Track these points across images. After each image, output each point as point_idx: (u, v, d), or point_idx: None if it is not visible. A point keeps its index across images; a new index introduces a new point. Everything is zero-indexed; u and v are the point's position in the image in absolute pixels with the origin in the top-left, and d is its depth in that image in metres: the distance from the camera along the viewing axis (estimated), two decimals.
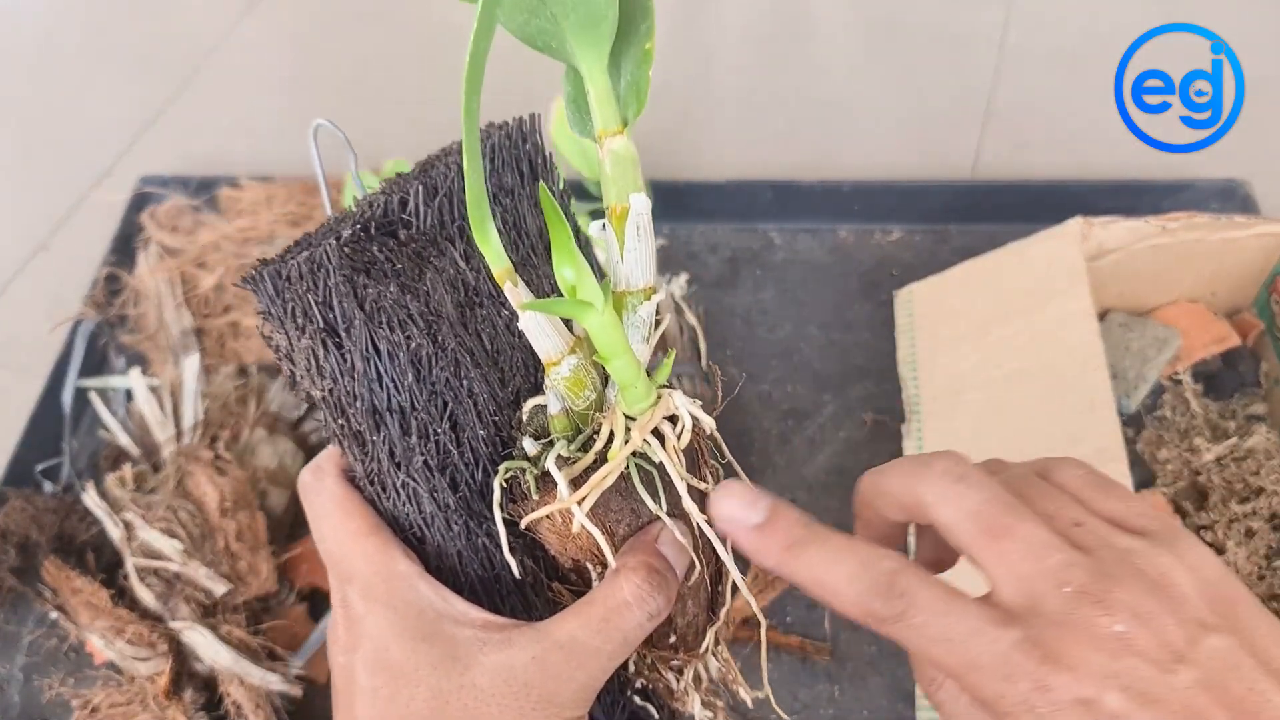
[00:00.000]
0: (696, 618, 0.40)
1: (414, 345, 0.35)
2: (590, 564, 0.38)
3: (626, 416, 0.35)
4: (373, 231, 0.36)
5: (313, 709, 0.72)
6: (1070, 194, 0.95)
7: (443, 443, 0.36)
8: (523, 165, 0.39)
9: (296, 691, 0.71)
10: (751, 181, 1.00)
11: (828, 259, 0.96)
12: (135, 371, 0.90)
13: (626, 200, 0.35)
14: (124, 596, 0.74)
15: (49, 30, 1.43)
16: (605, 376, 0.37)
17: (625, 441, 0.35)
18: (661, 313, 0.37)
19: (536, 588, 0.40)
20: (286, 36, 1.38)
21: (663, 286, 0.91)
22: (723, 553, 0.37)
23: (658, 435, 0.36)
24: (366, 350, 0.35)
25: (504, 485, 0.37)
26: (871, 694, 0.70)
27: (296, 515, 0.82)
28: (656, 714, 0.45)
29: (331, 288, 0.34)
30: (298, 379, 0.37)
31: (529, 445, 0.37)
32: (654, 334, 0.36)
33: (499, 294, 0.35)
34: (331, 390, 0.36)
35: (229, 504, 0.76)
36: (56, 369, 0.92)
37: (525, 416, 0.38)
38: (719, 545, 0.37)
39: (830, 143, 1.11)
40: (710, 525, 0.36)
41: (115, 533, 0.77)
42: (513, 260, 0.36)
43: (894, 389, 0.82)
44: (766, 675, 0.40)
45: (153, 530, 0.75)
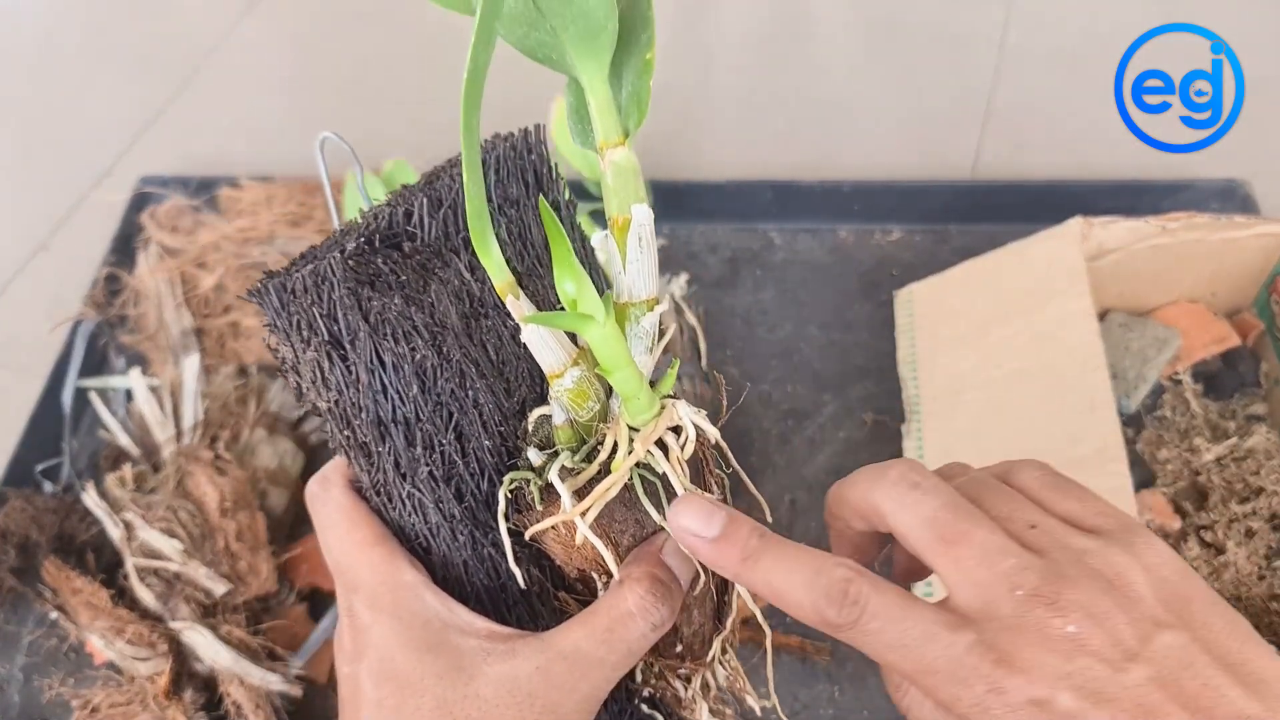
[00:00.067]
0: (703, 626, 0.40)
1: (419, 357, 0.35)
2: (595, 573, 0.38)
3: (630, 427, 0.35)
4: (377, 244, 0.36)
5: (313, 709, 0.72)
6: (1070, 194, 0.95)
7: (448, 453, 0.36)
8: (528, 176, 0.38)
9: (296, 691, 0.71)
10: (751, 181, 1.00)
11: (828, 259, 0.96)
12: (135, 371, 0.90)
13: (628, 211, 0.35)
14: (124, 596, 0.74)
15: (49, 30, 1.43)
16: (609, 387, 0.37)
17: (629, 453, 0.35)
18: (665, 323, 0.37)
19: (542, 597, 0.40)
20: (286, 36, 1.38)
21: (663, 287, 0.91)
22: None
23: (661, 446, 0.36)
24: (371, 362, 0.35)
25: (509, 495, 0.37)
26: (871, 694, 0.71)
27: (296, 515, 0.82)
28: None
29: (336, 300, 0.34)
30: (303, 390, 0.37)
31: (534, 455, 0.37)
32: (657, 345, 0.36)
33: (504, 304, 0.35)
34: (337, 402, 0.36)
35: (229, 504, 0.76)
36: (56, 369, 0.92)
37: (531, 427, 0.38)
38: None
39: (830, 143, 1.11)
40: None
41: (115, 533, 0.77)
42: (519, 270, 0.36)
43: (894, 389, 0.82)
44: (773, 684, 0.40)
45: (153, 530, 0.75)
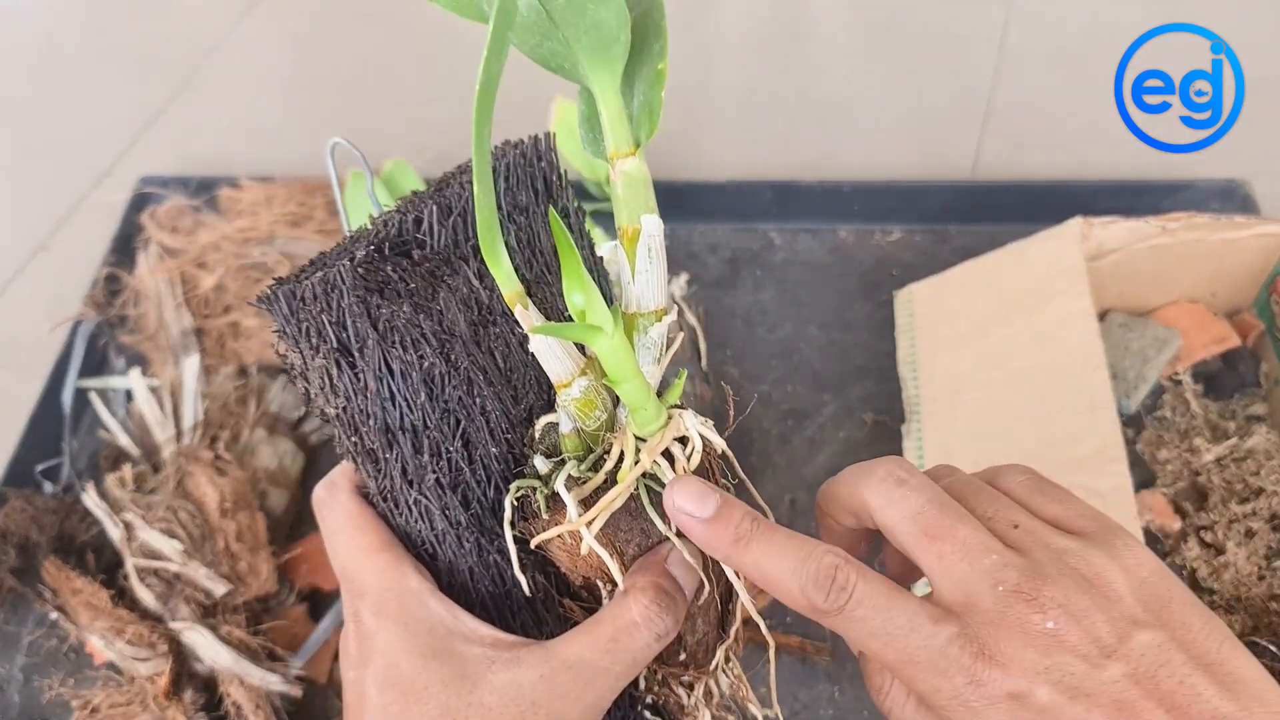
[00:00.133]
0: (707, 635, 0.40)
1: (427, 364, 0.35)
2: (601, 582, 0.38)
3: (637, 438, 0.35)
4: (386, 251, 0.36)
5: (313, 709, 0.72)
6: (1070, 194, 0.95)
7: (455, 460, 0.37)
8: (537, 183, 0.39)
9: (296, 692, 0.71)
10: (751, 181, 1.00)
11: (828, 259, 0.96)
12: (135, 372, 0.89)
13: (638, 221, 0.35)
14: (124, 597, 0.74)
15: (49, 30, 1.43)
16: (616, 397, 0.37)
17: (635, 463, 0.35)
18: (673, 333, 0.37)
19: (547, 604, 0.40)
20: (286, 37, 1.37)
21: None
22: (731, 574, 0.37)
23: (668, 456, 0.36)
24: (380, 370, 0.35)
25: (515, 503, 0.37)
26: None
27: (296, 516, 0.82)
28: None
29: (345, 308, 0.34)
30: (312, 397, 0.37)
31: (540, 463, 0.37)
32: (665, 355, 0.36)
33: (512, 312, 0.35)
34: (345, 409, 0.36)
35: (229, 504, 0.76)
36: (56, 369, 0.92)
37: (537, 434, 0.38)
38: (729, 568, 0.37)
39: (830, 143, 1.11)
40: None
41: (115, 533, 0.77)
42: (527, 278, 0.36)
43: (894, 389, 0.82)
44: (775, 694, 0.40)
45: (153, 530, 0.75)
